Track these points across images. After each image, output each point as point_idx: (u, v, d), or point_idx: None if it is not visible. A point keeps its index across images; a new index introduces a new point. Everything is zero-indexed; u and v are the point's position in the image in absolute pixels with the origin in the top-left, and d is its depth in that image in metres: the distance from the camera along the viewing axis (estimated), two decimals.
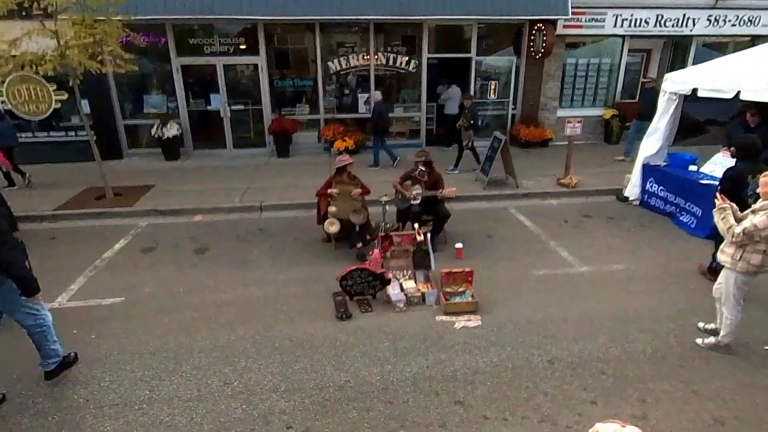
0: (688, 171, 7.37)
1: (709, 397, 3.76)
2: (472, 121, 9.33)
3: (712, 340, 4.34)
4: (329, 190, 6.22)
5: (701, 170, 7.28)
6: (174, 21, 9.97)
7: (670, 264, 5.98)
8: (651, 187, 7.80)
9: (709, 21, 11.52)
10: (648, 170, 7.86)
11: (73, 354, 4.22)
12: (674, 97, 7.42)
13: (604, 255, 6.25)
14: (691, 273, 5.71)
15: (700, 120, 11.23)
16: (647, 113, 9.86)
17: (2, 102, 9.17)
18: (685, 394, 3.79)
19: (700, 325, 4.61)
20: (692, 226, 6.92)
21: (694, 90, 6.91)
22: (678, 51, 12.25)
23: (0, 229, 3.66)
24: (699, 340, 4.40)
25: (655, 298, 5.21)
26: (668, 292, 5.31)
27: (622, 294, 5.30)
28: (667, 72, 8.35)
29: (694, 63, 11.00)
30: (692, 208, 6.99)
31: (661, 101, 7.66)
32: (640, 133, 9.78)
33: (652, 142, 7.81)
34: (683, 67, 10.34)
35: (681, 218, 7.17)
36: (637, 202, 8.06)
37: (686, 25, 11.51)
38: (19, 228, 4.81)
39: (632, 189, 8.12)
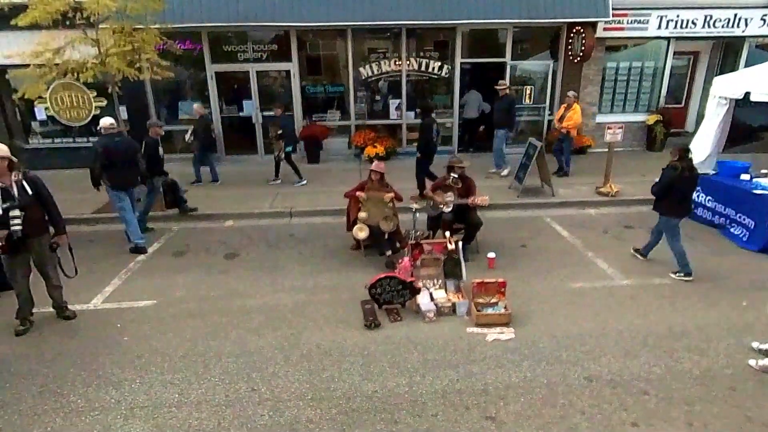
0: (739, 180, 6.95)
1: (764, 423, 3.49)
2: (280, 132, 9.06)
3: (767, 361, 4.04)
4: (358, 193, 6.18)
5: (755, 179, 6.85)
6: (209, 29, 10.21)
7: (720, 278, 5.63)
8: (698, 197, 7.39)
9: (764, 21, 10.90)
10: None
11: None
12: (724, 102, 7.04)
13: (646, 268, 5.94)
14: (743, 289, 5.35)
15: (753, 126, 10.67)
16: (503, 121, 9.56)
17: (46, 108, 9.56)
18: (737, 420, 3.52)
19: (754, 345, 4.30)
20: (744, 238, 6.52)
21: (747, 94, 6.53)
22: (729, 53, 11.66)
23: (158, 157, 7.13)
24: (752, 362, 4.11)
25: (704, 314, 4.90)
26: (718, 309, 4.99)
27: (667, 309, 5.01)
28: (717, 75, 7.95)
29: (747, 66, 10.43)
30: (744, 219, 6.59)
31: (710, 106, 7.28)
32: (503, 142, 9.61)
33: (700, 149, 7.41)
34: (734, 70, 9.83)
35: (731, 230, 6.77)
36: None
37: (738, 26, 10.93)
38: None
39: None
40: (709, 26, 10.93)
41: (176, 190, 7.67)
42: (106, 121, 6.44)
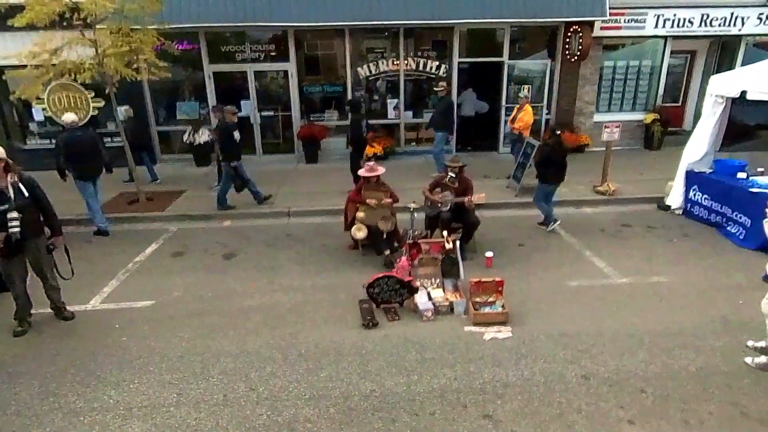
0: (736, 178, 6.98)
1: (759, 420, 3.51)
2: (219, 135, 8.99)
3: (763, 359, 4.07)
4: (363, 195, 6.19)
5: (751, 177, 6.87)
6: (207, 29, 10.19)
7: (716, 277, 5.66)
8: (695, 195, 7.42)
9: (760, 19, 10.91)
10: (692, 177, 7.48)
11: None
12: (720, 101, 7.05)
13: (643, 266, 5.97)
14: (739, 287, 5.38)
15: (749, 124, 10.69)
16: (441, 123, 9.46)
17: (44, 109, 9.56)
18: (733, 417, 3.55)
19: (750, 343, 4.31)
20: (740, 237, 6.54)
21: (743, 93, 6.55)
22: (725, 52, 11.66)
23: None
24: (748, 359, 4.13)
25: (700, 312, 4.92)
26: (714, 307, 5.01)
27: (664, 308, 5.03)
28: (714, 74, 7.96)
29: (744, 64, 10.44)
30: (740, 218, 6.61)
31: (707, 104, 7.30)
32: (445, 145, 9.51)
33: (696, 148, 7.44)
34: (731, 69, 9.83)
35: (728, 228, 6.79)
36: (680, 211, 7.68)
37: (734, 24, 10.94)
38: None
39: (675, 197, 7.75)
40: (705, 25, 10.95)
41: (244, 176, 8.02)
42: (69, 117, 7.09)
